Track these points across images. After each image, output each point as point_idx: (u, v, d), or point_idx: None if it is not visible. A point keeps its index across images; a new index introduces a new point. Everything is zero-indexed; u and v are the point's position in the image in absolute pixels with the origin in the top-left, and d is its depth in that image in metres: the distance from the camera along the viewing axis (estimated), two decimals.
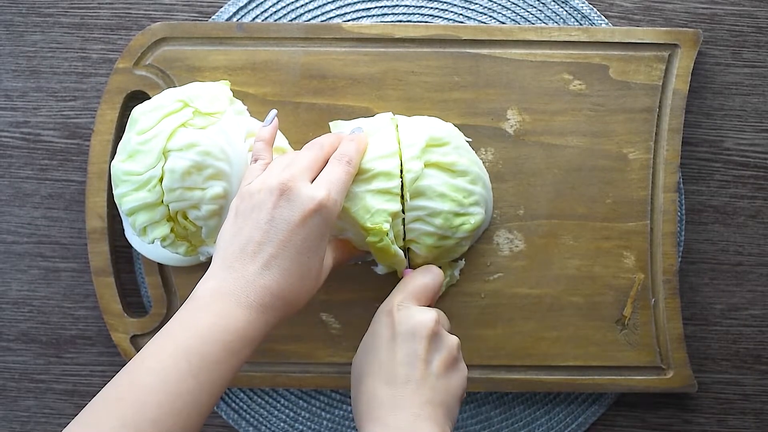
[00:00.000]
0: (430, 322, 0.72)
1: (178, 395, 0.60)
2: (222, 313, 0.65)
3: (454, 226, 0.78)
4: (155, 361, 0.62)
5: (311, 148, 0.73)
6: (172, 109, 0.78)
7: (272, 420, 0.91)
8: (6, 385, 0.93)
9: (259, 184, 0.69)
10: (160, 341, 0.63)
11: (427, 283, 0.77)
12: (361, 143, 0.76)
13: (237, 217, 0.70)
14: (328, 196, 0.69)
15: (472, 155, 0.83)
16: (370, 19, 0.90)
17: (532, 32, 0.86)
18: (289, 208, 0.67)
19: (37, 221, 0.92)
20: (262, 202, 0.68)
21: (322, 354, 0.87)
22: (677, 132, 0.86)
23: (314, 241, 0.68)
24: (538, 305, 0.86)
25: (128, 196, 0.77)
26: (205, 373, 0.62)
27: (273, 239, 0.67)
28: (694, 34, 0.86)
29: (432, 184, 0.77)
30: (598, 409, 0.90)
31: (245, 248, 0.67)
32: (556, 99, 0.86)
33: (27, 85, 0.91)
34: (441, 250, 0.80)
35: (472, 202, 0.79)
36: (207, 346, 0.63)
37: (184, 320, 0.65)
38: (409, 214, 0.78)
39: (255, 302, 0.66)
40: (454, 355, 0.73)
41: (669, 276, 0.85)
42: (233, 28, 0.86)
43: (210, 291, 0.66)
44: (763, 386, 0.91)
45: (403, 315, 0.73)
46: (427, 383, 0.70)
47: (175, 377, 0.60)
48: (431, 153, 0.78)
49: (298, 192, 0.68)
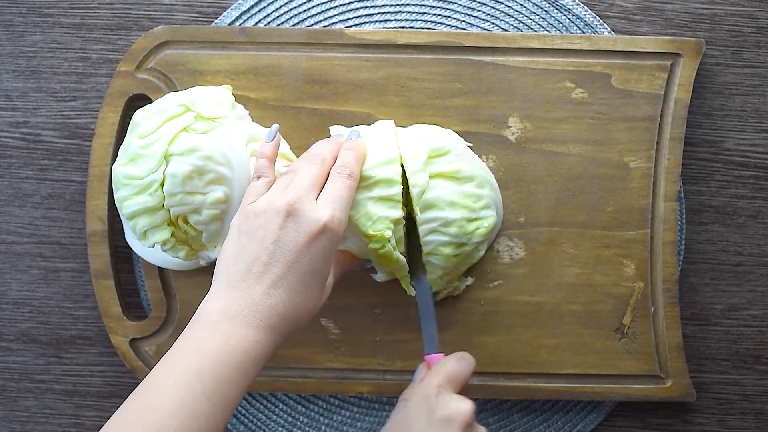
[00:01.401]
0: (467, 413, 0.72)
1: (194, 418, 0.60)
2: (231, 334, 0.64)
3: (469, 231, 0.78)
4: (168, 383, 0.62)
5: (313, 163, 0.73)
6: (173, 113, 0.77)
7: (271, 425, 0.91)
8: (6, 385, 0.93)
9: (265, 205, 0.69)
10: (170, 362, 0.64)
11: (463, 369, 0.76)
12: (360, 151, 0.76)
13: (241, 236, 0.69)
14: (333, 217, 0.69)
15: (475, 159, 0.84)
16: (372, 24, 0.90)
17: (534, 40, 0.86)
18: (295, 231, 0.67)
19: (37, 221, 0.92)
20: (268, 222, 0.68)
21: (321, 359, 0.88)
22: (678, 141, 0.86)
23: (320, 263, 0.69)
24: (538, 313, 0.86)
25: (129, 200, 0.76)
26: (218, 395, 0.62)
27: (279, 260, 0.67)
28: (696, 44, 0.86)
29: (440, 194, 0.77)
30: (596, 417, 0.90)
31: (251, 268, 0.67)
32: (558, 107, 0.86)
33: (27, 85, 0.91)
34: (460, 258, 0.80)
35: (483, 206, 0.80)
36: (218, 367, 0.63)
37: (193, 341, 0.65)
38: (423, 227, 0.78)
39: (262, 323, 0.66)
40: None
41: (669, 285, 0.86)
42: (236, 33, 0.86)
43: (216, 312, 0.66)
44: (763, 386, 0.92)
45: (442, 401, 0.73)
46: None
47: (190, 399, 0.60)
48: (434, 164, 0.78)
49: (304, 214, 0.68)
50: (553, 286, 0.86)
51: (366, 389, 0.87)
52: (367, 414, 0.91)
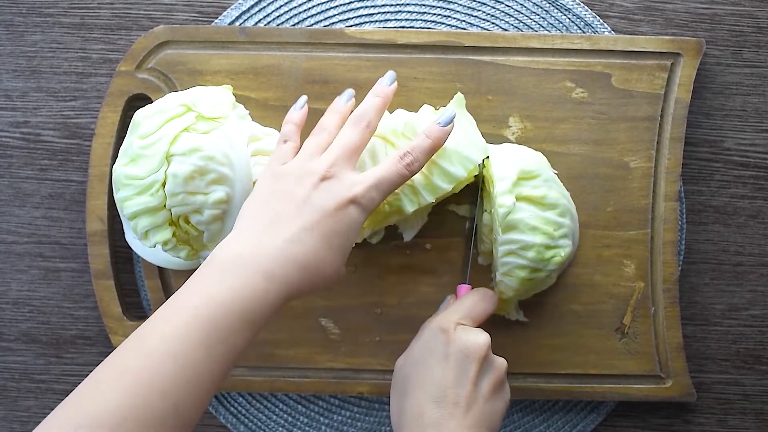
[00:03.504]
0: (484, 345, 0.73)
1: (189, 366, 0.58)
2: (242, 281, 0.63)
3: (546, 258, 0.79)
4: (167, 327, 0.60)
5: (357, 124, 0.73)
6: (174, 113, 0.77)
7: (270, 425, 0.91)
8: (6, 385, 0.93)
9: (300, 166, 0.70)
10: (173, 304, 0.62)
11: (485, 306, 0.78)
12: (386, 99, 0.76)
13: (270, 194, 0.69)
14: (364, 195, 0.69)
15: (561, 187, 0.84)
16: (372, 24, 0.90)
17: (534, 40, 0.86)
18: (326, 195, 0.68)
19: (37, 221, 0.92)
20: (301, 182, 0.68)
21: (321, 359, 0.88)
22: (679, 141, 0.86)
23: (345, 231, 0.68)
24: (538, 313, 0.87)
25: (130, 200, 0.76)
26: (218, 344, 0.60)
27: (306, 217, 0.67)
28: (696, 43, 0.86)
29: (523, 217, 0.78)
30: (596, 417, 0.90)
31: (276, 218, 0.67)
32: (558, 107, 0.86)
33: (27, 85, 0.91)
34: (532, 283, 0.81)
35: (562, 235, 0.80)
36: (222, 315, 0.61)
37: (201, 284, 0.63)
38: (501, 248, 0.79)
39: (278, 272, 0.65)
40: (502, 378, 0.74)
41: (669, 285, 0.86)
42: (236, 32, 0.86)
43: (233, 254, 0.65)
44: (763, 386, 0.92)
45: (460, 334, 0.73)
46: (476, 406, 0.71)
47: (187, 347, 0.59)
48: (522, 186, 0.79)
49: (339, 181, 0.68)
50: (553, 285, 0.86)
51: (366, 389, 0.87)
52: (367, 414, 0.91)
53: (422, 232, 0.86)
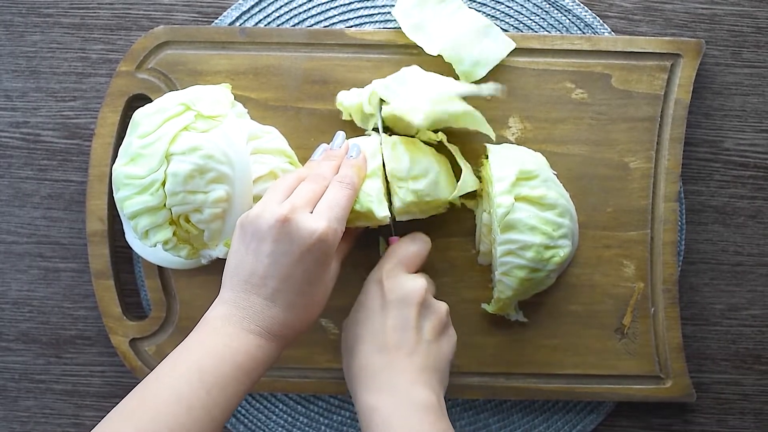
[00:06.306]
0: (419, 290, 0.74)
1: (191, 408, 0.62)
2: (233, 337, 0.67)
3: (545, 258, 0.79)
4: (169, 377, 0.64)
5: (315, 181, 0.74)
6: (174, 112, 0.77)
7: (270, 425, 0.91)
8: (6, 385, 0.93)
9: (262, 214, 0.70)
10: (173, 359, 0.66)
11: (415, 250, 0.79)
12: (362, 168, 0.78)
13: (240, 244, 0.71)
14: (328, 228, 0.69)
15: (560, 188, 0.84)
16: (372, 25, 0.90)
17: (534, 40, 0.86)
18: (289, 243, 0.68)
19: (37, 221, 0.92)
20: (264, 233, 0.69)
21: (320, 359, 0.88)
22: (678, 141, 0.86)
23: (315, 272, 0.70)
24: (538, 313, 0.87)
25: (130, 200, 0.76)
26: (217, 389, 0.64)
27: (275, 274, 0.68)
28: (696, 44, 0.86)
29: (522, 217, 0.78)
30: (596, 417, 0.90)
31: (249, 280, 0.69)
32: (558, 107, 0.86)
33: (27, 85, 0.91)
34: (531, 283, 0.81)
35: (561, 235, 0.80)
36: (219, 365, 0.65)
37: (197, 341, 0.67)
38: (501, 247, 0.79)
39: (264, 331, 0.68)
40: (444, 320, 0.75)
41: (669, 285, 0.86)
42: (236, 33, 0.86)
43: (221, 317, 0.68)
44: (763, 386, 0.92)
45: (393, 283, 0.75)
46: (420, 349, 0.72)
47: (188, 391, 0.63)
48: (521, 186, 0.79)
49: (297, 226, 0.68)
50: (553, 286, 0.86)
51: None
52: None
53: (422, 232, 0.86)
